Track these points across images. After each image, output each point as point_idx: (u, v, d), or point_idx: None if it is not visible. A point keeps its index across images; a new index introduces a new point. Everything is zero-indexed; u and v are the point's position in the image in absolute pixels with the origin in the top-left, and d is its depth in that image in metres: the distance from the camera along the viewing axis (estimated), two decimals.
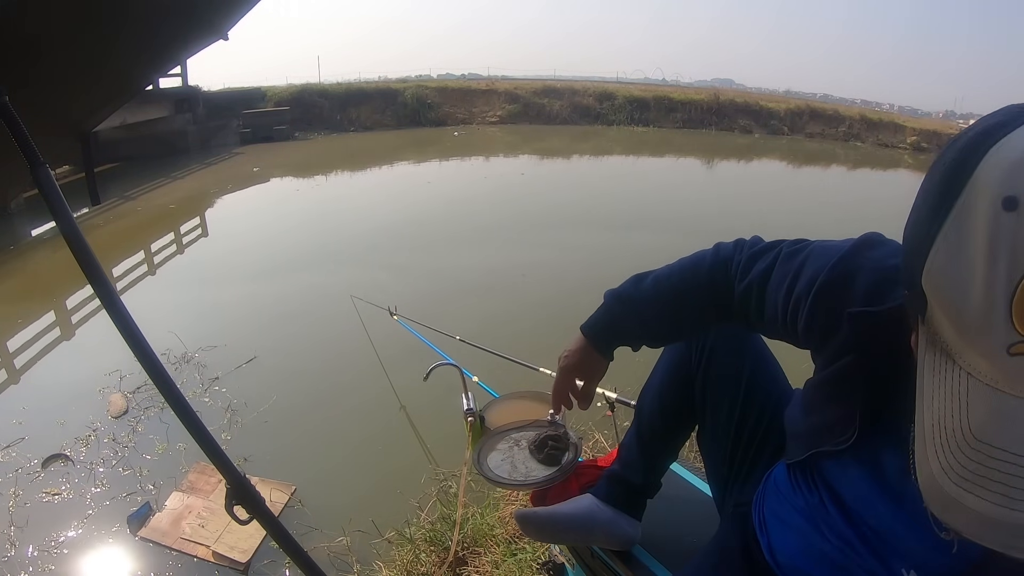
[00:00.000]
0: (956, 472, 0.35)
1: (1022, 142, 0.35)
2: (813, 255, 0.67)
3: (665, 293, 0.80)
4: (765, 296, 0.70)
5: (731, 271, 0.75)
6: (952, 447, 0.36)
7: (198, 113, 11.95)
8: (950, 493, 0.36)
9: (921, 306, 0.40)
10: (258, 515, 0.68)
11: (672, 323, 0.82)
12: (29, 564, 2.13)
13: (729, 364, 0.90)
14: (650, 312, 0.81)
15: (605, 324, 0.85)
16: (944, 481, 0.36)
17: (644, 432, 1.01)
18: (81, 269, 0.60)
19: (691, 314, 0.80)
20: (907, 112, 22.30)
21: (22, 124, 0.58)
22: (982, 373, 0.36)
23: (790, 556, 0.73)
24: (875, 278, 0.59)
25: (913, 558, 0.60)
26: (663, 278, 0.81)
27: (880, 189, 10.74)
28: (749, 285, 0.72)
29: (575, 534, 1.02)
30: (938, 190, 0.39)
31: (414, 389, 3.07)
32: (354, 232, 6.55)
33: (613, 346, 0.87)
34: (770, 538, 0.77)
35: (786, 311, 0.67)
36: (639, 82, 21.64)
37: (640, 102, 16.74)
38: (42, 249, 5.89)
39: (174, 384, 0.64)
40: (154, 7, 0.90)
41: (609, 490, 1.02)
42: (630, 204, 8.15)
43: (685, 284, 0.79)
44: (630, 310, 0.82)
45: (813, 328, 0.64)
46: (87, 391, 3.17)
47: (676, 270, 0.81)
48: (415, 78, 18.68)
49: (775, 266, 0.70)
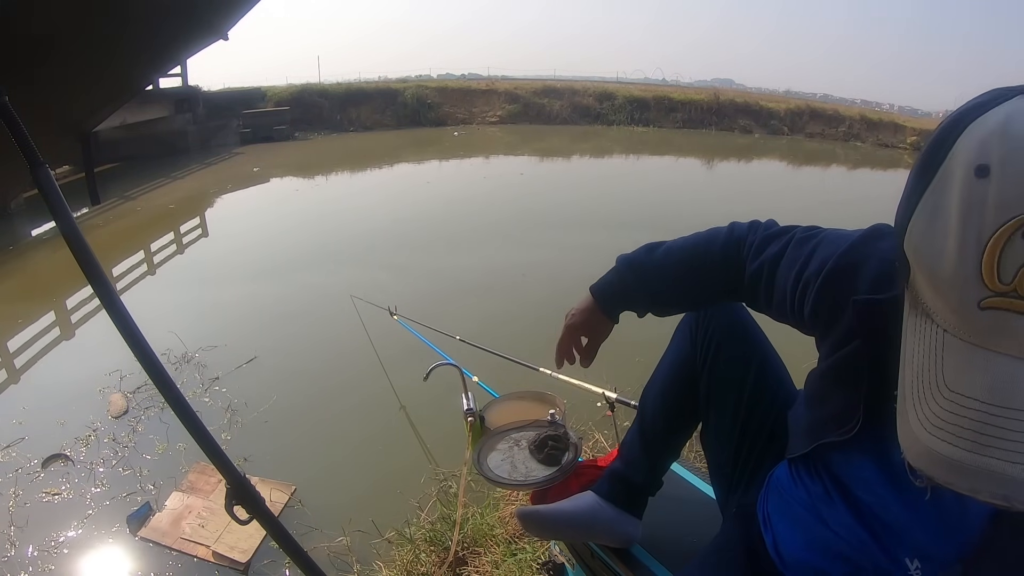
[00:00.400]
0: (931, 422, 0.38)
1: (997, 117, 0.38)
2: (824, 242, 0.69)
3: (677, 265, 0.82)
4: (775, 278, 0.72)
5: (744, 250, 0.78)
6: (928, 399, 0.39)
7: (198, 113, 11.95)
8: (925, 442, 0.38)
9: (905, 272, 0.43)
10: (258, 515, 0.68)
11: (680, 295, 0.84)
12: (29, 564, 2.13)
13: (735, 363, 0.90)
14: (660, 282, 0.83)
15: (615, 288, 0.87)
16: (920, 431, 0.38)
17: (647, 430, 1.00)
18: (81, 269, 0.60)
19: (700, 288, 0.82)
20: (907, 112, 22.27)
21: (22, 124, 0.58)
22: (955, 328, 0.39)
23: (795, 550, 0.73)
24: (881, 268, 0.60)
25: (918, 547, 0.61)
26: (676, 250, 0.83)
27: (880, 189, 10.73)
28: (760, 266, 0.74)
29: (576, 532, 1.02)
30: (921, 163, 0.42)
31: (414, 389, 3.07)
32: (354, 232, 6.55)
33: (620, 310, 0.89)
34: (775, 534, 0.77)
35: (794, 295, 0.69)
36: (639, 82, 21.65)
37: (640, 102, 16.74)
38: (42, 249, 5.89)
39: (174, 384, 0.64)
40: (154, 7, 0.90)
41: (611, 488, 1.02)
42: (630, 204, 8.15)
43: (698, 258, 0.81)
44: (641, 278, 0.84)
45: (819, 314, 0.66)
46: (87, 391, 3.17)
47: (690, 243, 0.83)
48: (415, 78, 18.69)
49: (787, 250, 0.72)
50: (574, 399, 1.97)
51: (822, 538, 0.69)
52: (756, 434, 0.89)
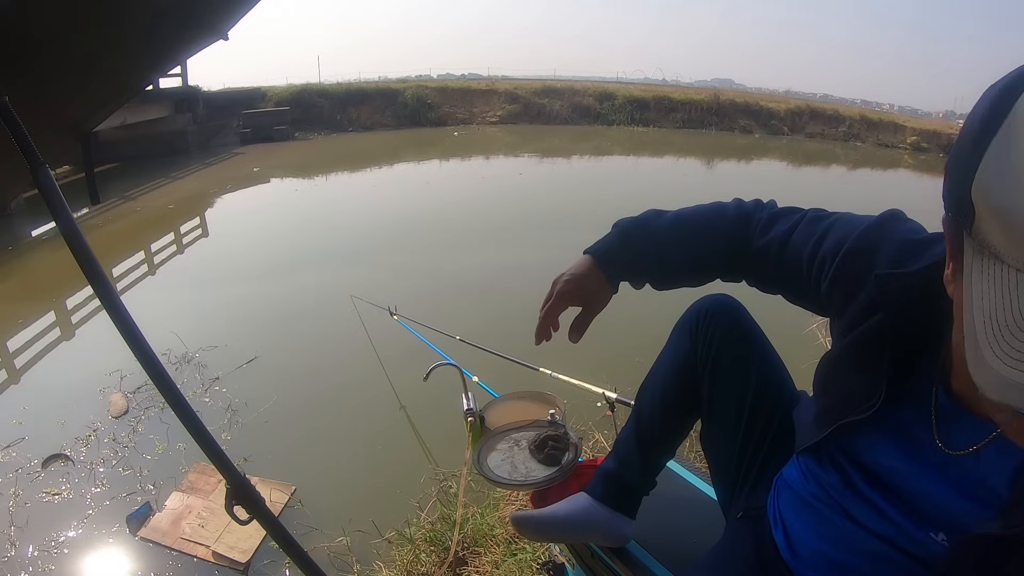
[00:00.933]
0: (1011, 356, 0.40)
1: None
2: (839, 222, 0.71)
3: (685, 231, 0.80)
4: (785, 253, 0.73)
5: (752, 224, 0.78)
6: (1005, 335, 0.41)
7: (198, 113, 11.96)
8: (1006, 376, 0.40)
9: (968, 219, 0.45)
10: (258, 515, 0.68)
11: (686, 261, 0.81)
12: (29, 564, 2.13)
13: (736, 363, 0.89)
14: (668, 247, 0.80)
15: (621, 249, 0.81)
16: (1000, 367, 0.40)
17: (643, 429, 0.98)
18: (81, 269, 0.60)
19: (707, 257, 0.80)
20: (907, 112, 22.28)
21: (22, 124, 0.58)
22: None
23: (810, 543, 0.72)
24: (900, 247, 0.63)
25: (943, 520, 0.60)
26: (684, 217, 0.82)
27: (881, 189, 10.74)
28: (770, 241, 0.75)
29: (571, 534, 1.02)
30: (984, 116, 0.44)
31: (414, 389, 3.07)
32: (354, 232, 6.55)
33: (622, 276, 0.82)
34: (787, 531, 0.75)
35: (810, 270, 0.70)
36: (639, 82, 21.65)
37: (640, 102, 16.74)
38: (42, 249, 5.90)
39: (174, 384, 0.64)
40: (154, 7, 0.90)
41: (605, 489, 1.00)
42: (630, 204, 7.99)
43: (707, 226, 0.80)
44: (649, 239, 0.80)
45: (836, 290, 0.67)
46: (87, 391, 3.17)
47: (698, 212, 0.82)
48: (415, 78, 18.70)
49: (798, 227, 0.73)
50: (574, 399, 1.98)
51: (839, 529, 0.68)
52: (760, 435, 0.88)
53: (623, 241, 0.81)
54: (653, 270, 0.82)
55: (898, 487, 0.63)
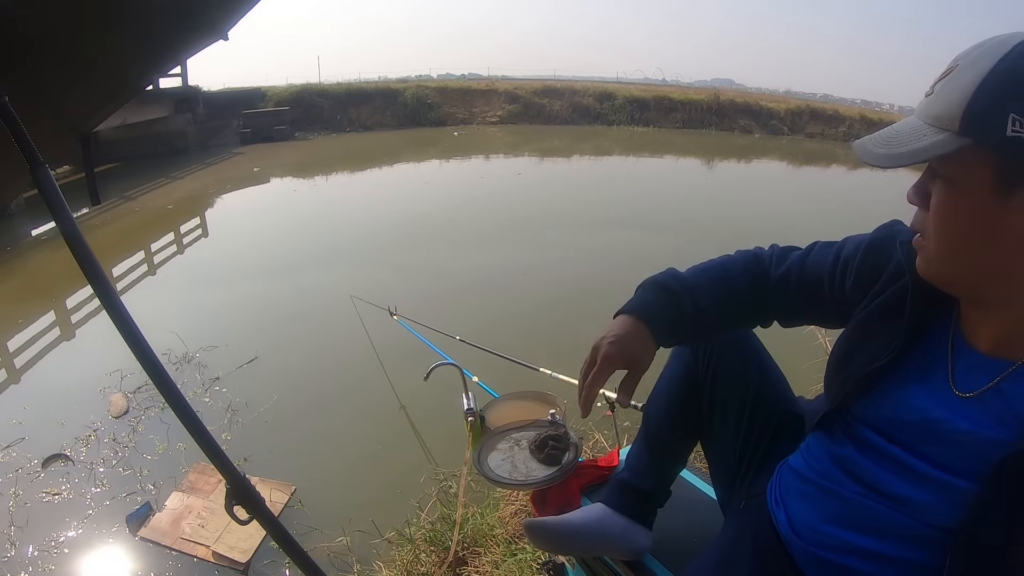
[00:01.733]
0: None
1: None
2: (851, 239, 0.77)
3: (709, 276, 0.82)
4: (805, 270, 0.79)
5: (765, 262, 0.83)
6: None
7: (198, 113, 11.96)
8: None
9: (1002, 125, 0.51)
10: (258, 515, 0.68)
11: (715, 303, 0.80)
12: (29, 564, 2.13)
13: (736, 368, 0.92)
14: (700, 290, 0.80)
15: (664, 303, 0.78)
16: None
17: (652, 440, 1.01)
18: (81, 269, 0.60)
19: (734, 296, 0.81)
20: (907, 112, 22.13)
21: (22, 124, 0.58)
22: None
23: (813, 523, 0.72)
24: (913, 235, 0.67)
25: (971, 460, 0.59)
26: (702, 267, 0.84)
27: (882, 189, 10.74)
28: (789, 268, 0.80)
29: (586, 545, 1.01)
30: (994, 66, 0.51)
31: (414, 389, 3.07)
32: (354, 232, 6.55)
33: (664, 327, 0.78)
34: (789, 513, 0.75)
35: (832, 275, 0.76)
36: (639, 82, 21.64)
37: (640, 102, 16.73)
38: (42, 249, 5.90)
39: (174, 384, 0.64)
40: (154, 7, 0.90)
41: (621, 498, 1.02)
42: (630, 204, 8.15)
43: (725, 272, 0.83)
44: (686, 289, 0.79)
45: (862, 280, 0.73)
46: (87, 391, 3.17)
47: (712, 262, 0.85)
48: (415, 78, 18.69)
49: (812, 252, 0.80)
50: (574, 399, 1.97)
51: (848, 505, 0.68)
52: (761, 433, 0.91)
53: (665, 296, 0.79)
54: (694, 324, 0.80)
55: (924, 428, 0.63)
